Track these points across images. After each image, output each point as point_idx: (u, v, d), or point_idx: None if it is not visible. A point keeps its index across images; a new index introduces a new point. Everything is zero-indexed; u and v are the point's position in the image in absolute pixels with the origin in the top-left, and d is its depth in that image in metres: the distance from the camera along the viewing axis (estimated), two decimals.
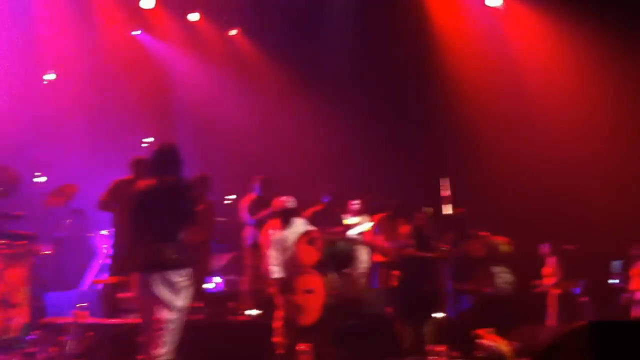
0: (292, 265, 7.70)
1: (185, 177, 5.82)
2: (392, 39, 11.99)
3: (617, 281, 10.56)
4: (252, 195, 9.50)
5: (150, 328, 5.49)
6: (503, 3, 11.72)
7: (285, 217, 7.94)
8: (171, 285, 5.46)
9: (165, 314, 5.44)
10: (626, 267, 10.60)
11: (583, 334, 3.73)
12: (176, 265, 5.51)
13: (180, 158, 5.84)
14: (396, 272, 8.40)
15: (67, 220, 8.58)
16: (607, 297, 10.77)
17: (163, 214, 5.64)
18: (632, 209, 10.60)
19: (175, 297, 5.46)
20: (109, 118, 11.12)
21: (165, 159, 5.81)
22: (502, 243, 8.59)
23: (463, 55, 11.70)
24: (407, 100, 12.30)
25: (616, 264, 10.65)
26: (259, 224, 9.12)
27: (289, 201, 8.00)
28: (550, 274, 10.50)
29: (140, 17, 11.57)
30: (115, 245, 8.39)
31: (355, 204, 9.63)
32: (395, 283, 8.28)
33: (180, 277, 5.51)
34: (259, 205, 9.31)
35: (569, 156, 11.39)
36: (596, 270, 10.76)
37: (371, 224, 9.26)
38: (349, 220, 9.53)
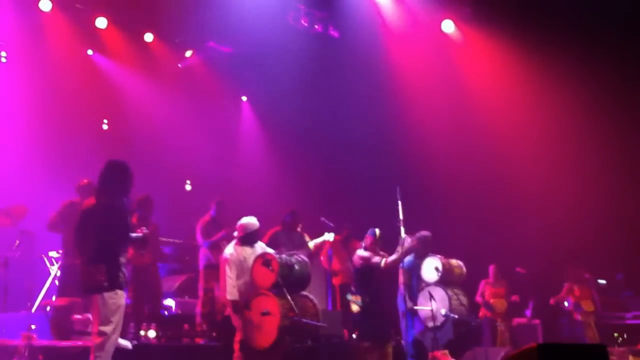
0: (250, 287, 7.59)
1: (124, 198, 5.76)
2: (346, 67, 12.12)
3: (566, 303, 10.78)
4: (206, 217, 9.41)
5: (94, 349, 5.59)
6: (457, 31, 12.00)
7: (249, 238, 7.80)
8: (104, 307, 5.54)
9: (99, 336, 5.55)
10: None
11: (532, 357, 3.75)
12: (107, 288, 5.57)
13: (125, 177, 5.81)
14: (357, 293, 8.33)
15: (16, 241, 8.39)
16: (556, 320, 10.99)
17: (95, 236, 5.65)
18: (585, 232, 10.86)
19: (107, 318, 5.55)
20: (59, 138, 10.89)
21: (109, 178, 5.80)
22: (456, 265, 8.67)
23: (418, 84, 11.89)
24: (363, 120, 12.42)
25: None
26: (213, 246, 9.04)
27: (253, 222, 7.80)
28: (502, 296, 10.64)
29: (93, 36, 11.42)
30: (64, 267, 8.25)
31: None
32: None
33: (112, 299, 5.57)
34: (213, 227, 9.23)
35: (520, 179, 11.64)
36: (548, 293, 10.96)
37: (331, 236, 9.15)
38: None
